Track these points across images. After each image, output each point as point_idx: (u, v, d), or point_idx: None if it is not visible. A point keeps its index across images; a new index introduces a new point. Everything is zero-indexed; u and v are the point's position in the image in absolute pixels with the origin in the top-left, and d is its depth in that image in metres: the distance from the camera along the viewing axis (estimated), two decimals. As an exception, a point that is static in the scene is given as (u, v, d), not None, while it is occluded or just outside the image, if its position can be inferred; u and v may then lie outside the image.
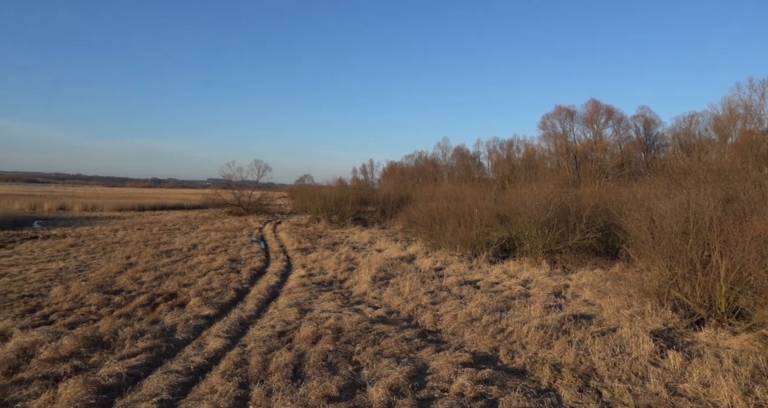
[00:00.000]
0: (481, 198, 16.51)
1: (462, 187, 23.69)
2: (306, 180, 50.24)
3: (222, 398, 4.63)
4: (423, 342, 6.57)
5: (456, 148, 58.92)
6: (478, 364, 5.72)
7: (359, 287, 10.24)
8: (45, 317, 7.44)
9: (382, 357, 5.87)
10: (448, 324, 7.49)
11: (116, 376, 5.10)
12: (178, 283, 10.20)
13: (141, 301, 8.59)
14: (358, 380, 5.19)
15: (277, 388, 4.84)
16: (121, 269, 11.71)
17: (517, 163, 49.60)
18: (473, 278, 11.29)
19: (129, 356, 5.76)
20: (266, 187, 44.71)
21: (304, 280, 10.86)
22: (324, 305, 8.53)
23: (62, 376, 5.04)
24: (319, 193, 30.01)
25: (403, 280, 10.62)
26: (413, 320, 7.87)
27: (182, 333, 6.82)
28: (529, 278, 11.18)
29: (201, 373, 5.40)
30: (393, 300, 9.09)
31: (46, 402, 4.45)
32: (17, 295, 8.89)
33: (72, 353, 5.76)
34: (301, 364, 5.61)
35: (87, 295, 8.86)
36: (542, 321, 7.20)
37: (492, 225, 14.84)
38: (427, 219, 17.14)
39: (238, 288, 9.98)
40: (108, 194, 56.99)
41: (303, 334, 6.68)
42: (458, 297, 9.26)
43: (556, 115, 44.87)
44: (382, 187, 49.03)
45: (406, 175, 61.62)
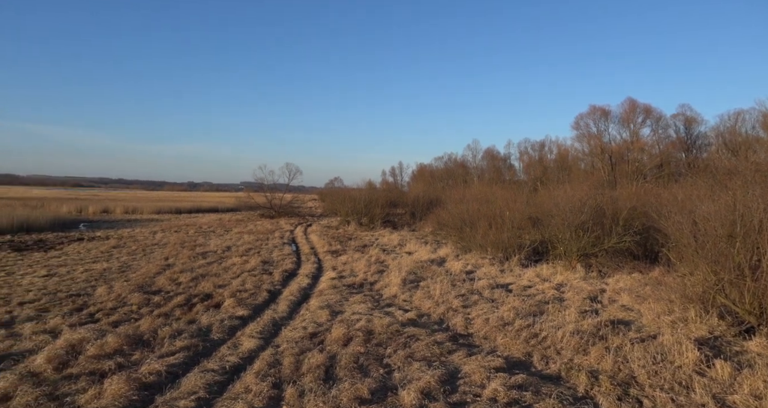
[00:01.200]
0: (513, 200, 16.24)
1: (492, 189, 23.36)
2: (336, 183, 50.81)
3: (256, 398, 4.73)
4: (454, 346, 6.51)
5: (486, 149, 58.31)
6: (511, 369, 5.62)
7: (389, 290, 10.24)
8: (91, 316, 7.80)
9: (413, 360, 5.85)
10: (479, 328, 7.39)
11: (156, 373, 5.29)
12: (213, 284, 10.49)
13: (178, 301, 8.87)
14: (390, 383, 5.19)
15: (310, 389, 4.90)
16: (160, 270, 12.14)
17: (550, 164, 48.56)
18: (505, 282, 11.10)
19: (168, 355, 5.95)
20: (297, 190, 45.40)
21: (335, 282, 10.96)
22: (355, 307, 8.58)
23: (107, 373, 5.27)
24: (348, 196, 30.24)
25: (433, 283, 10.56)
26: (444, 323, 7.80)
27: (218, 333, 7.00)
28: (563, 282, 10.90)
29: (236, 372, 5.53)
30: (423, 303, 9.05)
31: (93, 397, 4.65)
32: (66, 294, 9.36)
33: (115, 351, 6.01)
34: (333, 366, 5.66)
35: (129, 294, 9.23)
36: (577, 326, 7.00)
37: (524, 227, 14.57)
38: (457, 221, 16.99)
39: (270, 289, 10.16)
40: (147, 197, 59.27)
41: (334, 335, 6.74)
42: (490, 300, 9.13)
43: (590, 114, 43.71)
44: (411, 190, 49.00)
45: (435, 177, 61.38)
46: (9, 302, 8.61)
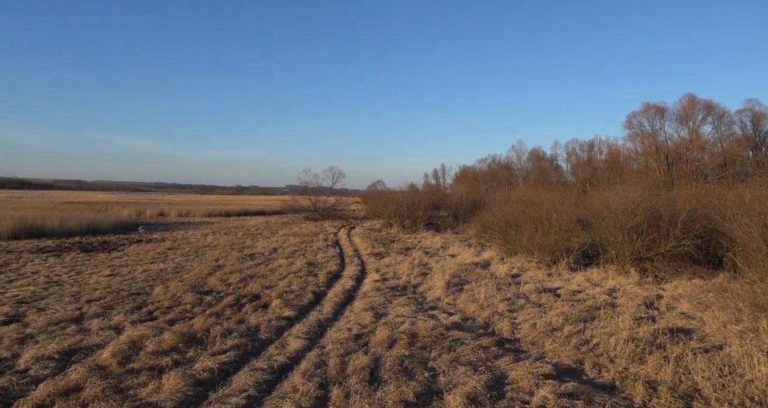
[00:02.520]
0: (560, 202, 15.71)
1: (538, 191, 22.70)
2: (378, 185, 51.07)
3: (303, 397, 4.82)
4: (500, 351, 6.37)
5: (531, 150, 56.79)
6: (561, 376, 5.43)
7: (433, 293, 10.17)
8: (149, 314, 8.25)
9: (458, 364, 5.77)
10: (526, 333, 7.19)
11: (209, 370, 5.51)
12: (261, 285, 10.82)
13: (229, 301, 9.21)
14: (435, 387, 5.15)
15: (355, 391, 4.95)
16: (211, 271, 12.66)
17: (599, 164, 46.59)
18: (553, 286, 10.75)
19: (219, 353, 6.19)
20: (340, 193, 46.06)
21: (378, 285, 11.01)
22: (398, 310, 8.58)
23: (165, 369, 5.55)
24: (391, 199, 30.33)
25: (477, 286, 10.39)
26: (489, 328, 7.66)
27: (265, 333, 7.20)
28: (615, 287, 10.42)
29: (284, 371, 5.67)
30: (468, 306, 8.92)
31: (153, 391, 4.92)
32: (127, 292, 9.95)
33: (172, 348, 6.31)
34: (378, 368, 5.68)
35: (183, 294, 9.69)
36: (632, 333, 6.66)
37: (572, 230, 14.05)
38: (502, 224, 16.63)
39: (315, 291, 10.35)
40: (199, 201, 62.06)
41: (378, 338, 6.77)
42: (537, 305, 8.86)
43: (643, 112, 41.49)
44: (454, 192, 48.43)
45: (478, 179, 60.44)
46: (78, 300, 9.26)
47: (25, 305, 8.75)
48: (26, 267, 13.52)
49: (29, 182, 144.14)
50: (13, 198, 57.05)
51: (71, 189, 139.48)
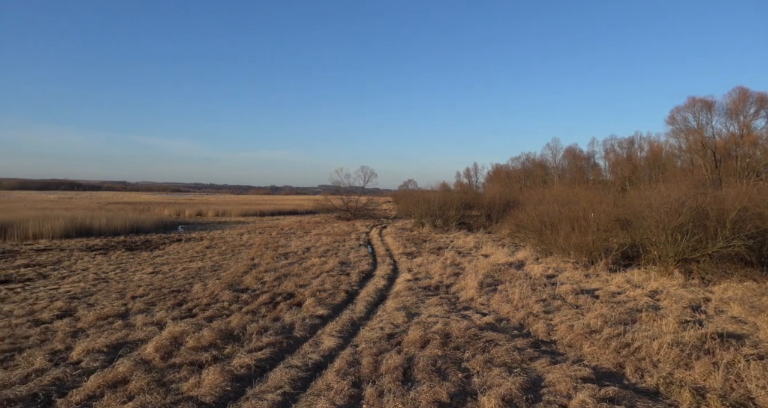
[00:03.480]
0: (598, 201, 15.24)
1: (575, 190, 22.09)
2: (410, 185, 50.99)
3: (337, 395, 4.87)
4: (536, 352, 6.24)
5: (567, 148, 55.22)
6: (600, 380, 5.25)
7: (466, 293, 10.07)
8: (189, 311, 8.54)
9: (493, 365, 5.68)
10: (563, 335, 7.01)
11: (246, 367, 5.66)
12: (294, 283, 11.00)
13: (264, 299, 9.41)
14: (469, 388, 5.09)
15: (389, 390, 4.95)
16: (247, 270, 12.98)
17: (640, 162, 44.81)
18: (590, 287, 10.43)
19: (256, 350, 6.33)
20: (372, 193, 46.36)
21: (411, 284, 10.99)
22: (431, 310, 8.54)
23: (204, 364, 5.73)
24: (422, 198, 30.25)
25: (512, 286, 10.20)
26: (524, 329, 7.51)
27: (300, 331, 7.32)
28: (657, 289, 10.00)
29: (318, 369, 5.74)
30: (502, 307, 8.78)
31: (194, 385, 5.09)
32: (168, 290, 10.34)
33: (210, 344, 6.51)
34: (411, 368, 5.67)
35: (220, 292, 9.97)
36: (677, 337, 6.37)
37: (611, 230, 13.58)
38: (537, 223, 16.27)
39: (348, 290, 10.44)
40: (235, 201, 63.75)
41: (411, 337, 6.76)
42: (574, 306, 8.62)
43: (688, 107, 39.47)
44: (487, 191, 47.77)
45: (512, 178, 59.38)
46: (124, 296, 9.69)
47: (77, 301, 9.24)
48: (77, 264, 14.27)
49: (79, 184, 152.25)
50: (65, 198, 60.34)
51: (116, 190, 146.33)
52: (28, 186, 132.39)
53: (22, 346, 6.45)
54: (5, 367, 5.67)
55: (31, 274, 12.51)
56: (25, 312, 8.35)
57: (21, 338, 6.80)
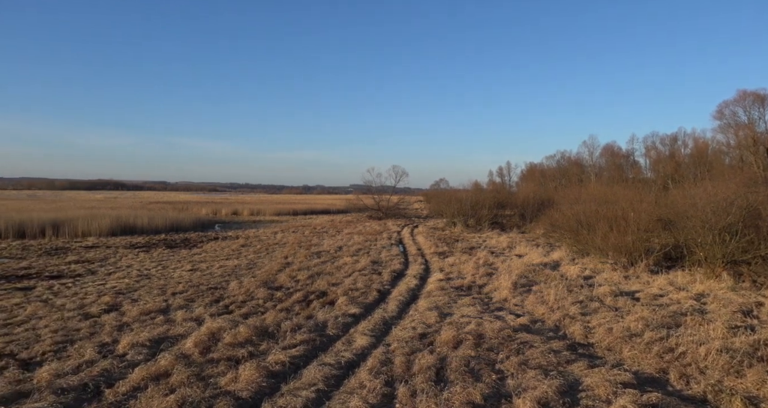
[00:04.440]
0: (638, 200, 14.68)
1: (613, 189, 21.35)
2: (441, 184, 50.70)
3: (370, 394, 4.90)
4: (573, 355, 6.07)
5: (605, 146, 53.38)
6: (641, 385, 5.06)
7: (499, 293, 9.91)
8: (226, 307, 8.79)
9: (528, 368, 5.57)
10: (601, 338, 6.79)
11: (281, 363, 5.76)
12: (327, 282, 11.14)
13: (297, 297, 9.57)
14: (503, 390, 5.01)
15: (421, 390, 4.94)
16: (281, 268, 13.24)
17: (684, 159, 42.81)
18: (630, 289, 10.06)
19: (290, 347, 6.44)
20: (403, 192, 46.32)
21: (443, 284, 10.92)
22: (463, 310, 8.46)
23: (241, 360, 5.88)
24: (454, 197, 30.01)
25: (547, 287, 9.97)
26: (560, 331, 7.32)
27: (333, 329, 7.40)
28: (703, 292, 9.53)
29: (350, 367, 5.79)
30: (536, 308, 8.59)
31: (231, 380, 5.23)
32: (206, 287, 10.68)
33: (246, 340, 6.68)
34: (443, 368, 5.63)
35: (255, 289, 10.21)
36: (726, 343, 6.06)
37: (652, 230, 13.05)
38: (573, 223, 15.84)
39: (380, 289, 10.47)
40: (268, 200, 65.08)
41: (443, 337, 6.71)
42: (612, 309, 8.34)
43: (738, 101, 37.28)
44: (520, 190, 46.86)
45: (546, 177, 58.00)
46: (165, 292, 10.08)
47: (122, 296, 9.68)
48: (122, 261, 14.95)
49: (123, 184, 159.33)
50: (111, 198, 63.34)
51: (157, 189, 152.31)
52: (77, 186, 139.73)
53: (73, 338, 6.82)
54: (59, 357, 6.01)
55: (80, 270, 13.20)
56: (75, 306, 8.82)
57: (72, 331, 7.19)
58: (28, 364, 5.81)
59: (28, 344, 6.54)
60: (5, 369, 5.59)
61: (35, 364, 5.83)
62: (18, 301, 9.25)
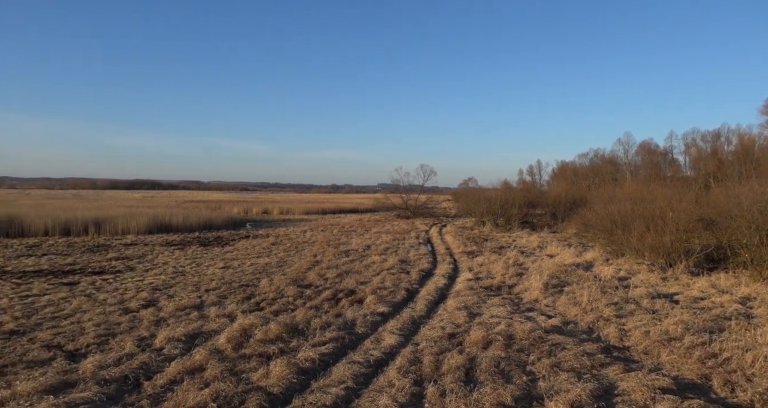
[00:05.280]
0: (677, 199, 14.13)
1: (650, 187, 20.61)
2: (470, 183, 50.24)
3: (399, 393, 4.90)
4: (608, 358, 5.90)
5: (641, 143, 51.42)
6: (682, 391, 4.86)
7: (530, 294, 9.73)
8: (257, 304, 8.97)
9: (560, 370, 5.45)
10: (637, 341, 6.57)
11: (311, 360, 5.84)
12: (356, 280, 11.21)
13: (326, 295, 9.67)
14: (534, 392, 4.92)
15: (451, 390, 4.90)
16: (310, 266, 13.41)
17: (727, 157, 40.78)
18: (668, 291, 9.69)
19: (319, 344, 6.52)
20: (431, 191, 46.09)
21: (472, 284, 10.81)
22: (493, 310, 8.35)
23: (272, 356, 6.00)
24: (483, 196, 29.65)
25: (579, 288, 9.72)
26: (594, 333, 7.12)
27: (361, 327, 7.44)
28: (749, 295, 9.08)
29: (379, 366, 5.81)
30: (569, 309, 8.39)
31: (262, 376, 5.34)
32: (238, 284, 10.94)
33: (277, 337, 6.80)
34: (473, 368, 5.58)
35: (285, 287, 10.38)
36: (774, 350, 5.75)
37: (692, 230, 12.52)
38: (607, 223, 15.38)
39: (408, 288, 10.46)
40: (298, 199, 66.06)
41: (473, 338, 6.64)
42: (649, 311, 8.04)
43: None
44: (551, 189, 45.87)
45: (579, 176, 56.47)
46: (199, 289, 10.39)
47: (158, 292, 10.03)
48: (158, 258, 15.49)
49: (159, 183, 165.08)
50: (148, 197, 65.70)
51: (191, 189, 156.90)
52: (117, 186, 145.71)
53: (114, 331, 7.12)
54: (102, 350, 6.29)
55: (120, 267, 13.76)
56: (116, 301, 9.20)
57: (114, 324, 7.51)
58: (74, 356, 6.10)
59: (74, 336, 6.87)
60: (53, 360, 5.89)
61: (80, 355, 6.11)
62: (64, 296, 9.73)
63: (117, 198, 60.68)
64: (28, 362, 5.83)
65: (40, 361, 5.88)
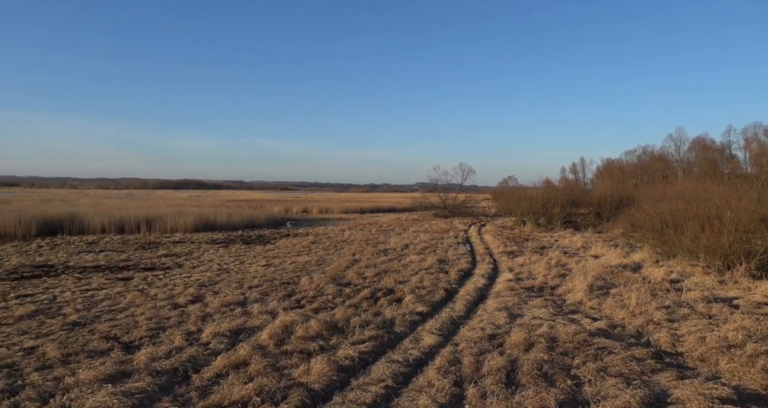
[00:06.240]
0: (736, 197, 13.23)
1: (705, 185, 19.46)
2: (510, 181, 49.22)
3: (439, 393, 4.86)
4: (659, 364, 5.62)
5: (695, 139, 48.78)
6: (744, 402, 4.56)
7: (573, 295, 9.42)
8: (297, 302, 9.16)
9: (607, 375, 5.24)
10: (692, 347, 6.21)
11: (350, 358, 5.90)
12: (394, 279, 11.22)
13: (365, 294, 9.74)
14: (580, 397, 4.76)
15: (492, 392, 4.82)
16: (349, 265, 13.55)
17: (792, 150, 37.96)
18: (727, 295, 9.12)
19: (358, 342, 6.57)
20: (470, 190, 45.45)
21: (512, 284, 10.59)
22: (534, 312, 8.14)
23: (312, 353, 6.10)
24: (524, 195, 28.98)
25: (627, 290, 9.32)
26: (643, 337, 6.80)
27: (400, 326, 7.44)
28: (819, 301, 8.40)
29: (418, 366, 5.79)
30: (615, 312, 8.06)
31: (303, 372, 5.45)
32: (279, 281, 11.21)
33: (317, 334, 6.91)
34: (514, 371, 5.46)
35: (325, 285, 10.54)
36: None
37: (753, 231, 11.69)
38: (657, 222, 14.65)
39: (447, 288, 10.37)
40: (336, 199, 66.92)
41: (514, 339, 6.50)
42: (705, 316, 7.60)
43: None
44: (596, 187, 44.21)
45: (625, 174, 54.19)
46: (242, 286, 10.72)
47: (204, 288, 10.43)
48: (204, 256, 16.12)
49: (204, 183, 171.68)
50: (194, 197, 68.54)
51: (234, 188, 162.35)
52: (166, 186, 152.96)
53: (164, 325, 7.47)
54: (153, 342, 6.61)
55: (169, 263, 14.42)
56: (166, 296, 9.65)
57: (164, 319, 7.88)
58: (129, 347, 6.45)
59: (128, 329, 7.26)
60: (111, 350, 6.25)
61: (134, 347, 6.45)
62: (119, 290, 10.31)
63: (166, 197, 63.58)
64: (89, 352, 6.21)
65: (99, 351, 6.25)
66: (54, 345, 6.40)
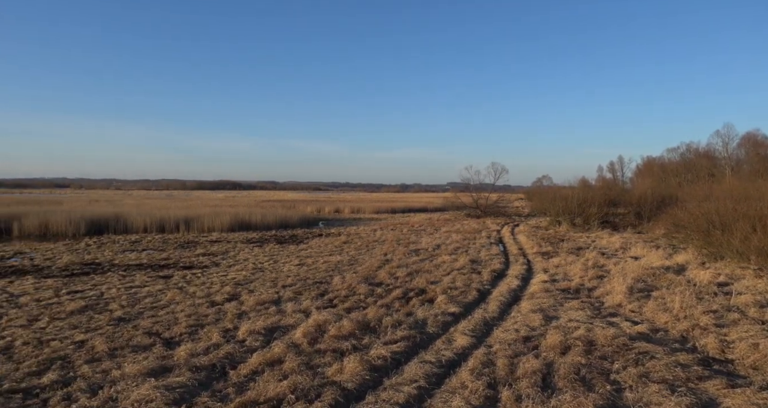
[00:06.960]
0: (790, 194, 12.46)
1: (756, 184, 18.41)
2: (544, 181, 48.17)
3: (473, 395, 4.81)
4: (706, 371, 5.35)
5: (745, 135, 46.02)
6: (798, 415, 4.29)
7: (612, 298, 9.11)
8: (330, 301, 9.26)
9: (649, 381, 5.04)
10: (743, 354, 5.89)
11: (383, 358, 5.91)
12: (426, 280, 11.17)
13: (397, 294, 9.73)
14: (620, 402, 4.60)
15: (527, 395, 4.73)
16: (380, 265, 13.58)
17: None
18: (781, 300, 8.59)
19: (391, 342, 6.58)
20: (503, 190, 44.68)
21: (547, 286, 10.34)
22: (571, 314, 7.92)
23: (345, 352, 6.15)
24: (559, 195, 28.25)
25: (670, 293, 8.93)
26: (688, 343, 6.50)
27: (432, 327, 7.40)
28: None
29: (451, 367, 5.74)
30: (657, 316, 7.73)
31: (336, 371, 5.51)
32: (312, 281, 11.36)
33: (350, 334, 6.96)
34: (550, 374, 5.34)
35: (357, 285, 10.60)
36: None
37: (810, 230, 10.98)
38: (702, 222, 13.97)
39: (479, 289, 10.24)
40: (368, 199, 67.21)
41: (549, 342, 6.35)
42: (758, 322, 7.18)
43: None
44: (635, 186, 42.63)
45: (667, 172, 51.89)
46: (276, 285, 10.94)
47: (240, 287, 10.71)
48: (239, 255, 16.54)
49: (239, 184, 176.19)
50: (230, 197, 70.46)
51: (267, 189, 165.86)
52: (204, 186, 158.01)
53: (203, 323, 7.71)
54: (192, 339, 6.84)
55: (206, 262, 14.88)
56: (204, 294, 9.96)
57: (202, 316, 8.14)
58: (170, 343, 6.69)
59: (169, 325, 7.54)
60: (153, 346, 6.51)
61: (175, 343, 6.69)
62: (160, 288, 10.72)
63: (203, 198, 65.66)
64: (133, 347, 6.49)
65: (143, 346, 6.52)
66: (102, 339, 6.74)
